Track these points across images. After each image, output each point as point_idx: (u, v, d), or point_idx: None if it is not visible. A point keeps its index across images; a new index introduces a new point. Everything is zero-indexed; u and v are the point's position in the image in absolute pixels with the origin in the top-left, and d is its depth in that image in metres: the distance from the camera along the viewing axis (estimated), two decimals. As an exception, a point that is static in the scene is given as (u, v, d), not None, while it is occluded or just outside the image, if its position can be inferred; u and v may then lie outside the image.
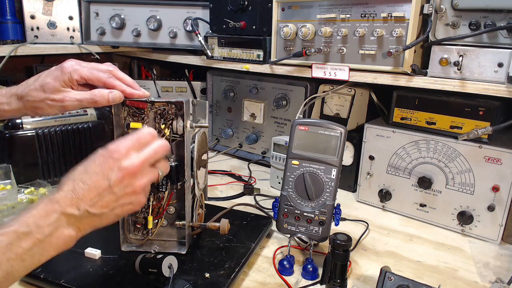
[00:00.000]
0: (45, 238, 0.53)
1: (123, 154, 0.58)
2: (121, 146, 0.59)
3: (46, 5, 1.31)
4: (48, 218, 0.54)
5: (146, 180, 0.60)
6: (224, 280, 0.71)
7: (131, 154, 0.58)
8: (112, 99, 0.68)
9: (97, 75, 0.70)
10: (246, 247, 0.81)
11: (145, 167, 0.60)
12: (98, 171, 0.57)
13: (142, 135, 0.61)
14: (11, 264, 0.51)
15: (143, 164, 0.59)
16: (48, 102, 0.68)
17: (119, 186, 0.57)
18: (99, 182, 0.56)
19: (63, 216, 0.55)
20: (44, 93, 0.68)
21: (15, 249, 0.51)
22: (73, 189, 0.56)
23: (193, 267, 0.74)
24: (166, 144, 0.63)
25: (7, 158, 1.05)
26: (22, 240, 0.52)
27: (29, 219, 0.53)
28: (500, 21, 0.82)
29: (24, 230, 0.52)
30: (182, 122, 0.73)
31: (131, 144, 0.59)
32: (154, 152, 0.61)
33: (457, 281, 0.78)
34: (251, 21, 1.19)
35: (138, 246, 0.79)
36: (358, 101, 1.16)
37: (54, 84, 0.68)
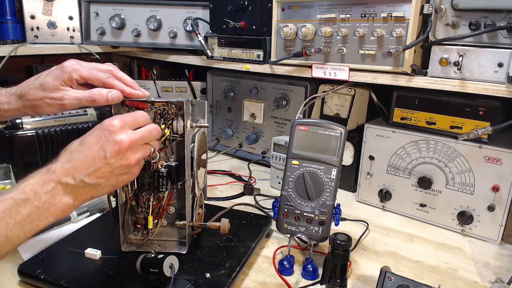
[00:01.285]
0: (43, 205, 0.57)
1: (118, 129, 0.61)
2: (117, 121, 0.62)
3: (46, 5, 1.31)
4: (45, 186, 0.57)
5: (140, 155, 0.64)
6: (225, 279, 0.71)
7: (127, 129, 0.62)
8: (111, 98, 0.69)
9: (96, 74, 0.70)
10: (246, 247, 0.81)
11: (139, 144, 0.64)
12: (94, 143, 0.60)
13: (137, 115, 0.65)
14: (10, 229, 0.54)
15: (138, 140, 0.63)
16: (47, 101, 0.69)
17: (115, 158, 0.60)
18: (95, 153, 0.60)
19: (59, 185, 0.58)
20: (44, 92, 0.69)
21: (14, 215, 0.54)
22: (69, 159, 0.59)
23: (194, 267, 0.74)
24: (158, 128, 0.68)
25: (7, 158, 1.05)
26: (20, 207, 0.55)
27: (27, 187, 0.57)
28: (500, 21, 0.82)
29: (22, 197, 0.55)
30: (182, 122, 0.73)
31: (127, 120, 0.63)
32: (148, 132, 0.65)
33: (457, 281, 0.78)
34: (251, 21, 1.19)
35: (138, 246, 0.79)
36: (358, 101, 1.16)
37: (53, 83, 0.69)
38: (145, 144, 0.65)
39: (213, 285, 0.70)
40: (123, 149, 0.61)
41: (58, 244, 0.81)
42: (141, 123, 0.65)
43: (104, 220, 0.92)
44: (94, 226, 0.89)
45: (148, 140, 0.65)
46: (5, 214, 0.53)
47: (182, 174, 0.75)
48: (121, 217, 0.77)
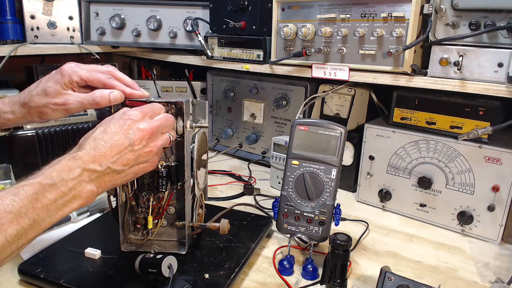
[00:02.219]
0: (69, 191, 0.57)
1: (140, 118, 0.64)
2: (137, 111, 0.64)
3: (46, 5, 1.31)
4: (72, 173, 0.58)
5: (161, 142, 0.66)
6: (223, 280, 0.71)
7: (147, 118, 0.65)
8: (113, 99, 0.70)
9: (96, 76, 0.71)
10: (246, 247, 0.81)
11: (159, 132, 0.66)
12: (118, 131, 0.62)
13: (155, 106, 0.68)
14: (37, 213, 0.54)
15: (158, 128, 0.65)
16: (51, 107, 0.70)
17: (139, 145, 0.62)
18: (120, 140, 0.61)
19: (85, 171, 0.59)
20: (47, 97, 0.70)
21: (41, 199, 0.54)
22: (94, 147, 0.60)
23: (193, 267, 0.74)
24: (172, 117, 0.70)
25: (7, 158, 1.05)
26: (47, 191, 0.55)
27: (53, 173, 0.57)
28: (500, 21, 0.82)
29: (49, 182, 0.56)
30: (182, 122, 0.73)
31: (146, 111, 0.65)
32: (165, 120, 0.67)
33: (457, 281, 0.78)
34: (251, 21, 1.19)
35: (138, 246, 0.79)
36: (358, 101, 1.16)
37: (55, 87, 0.70)
38: (164, 133, 0.68)
39: (211, 286, 0.70)
40: (146, 136, 0.63)
41: (58, 244, 0.81)
42: (158, 113, 0.68)
43: (104, 220, 0.92)
44: (94, 226, 0.89)
45: (166, 129, 0.68)
46: (33, 197, 0.54)
47: (182, 174, 0.75)
48: (121, 217, 0.77)
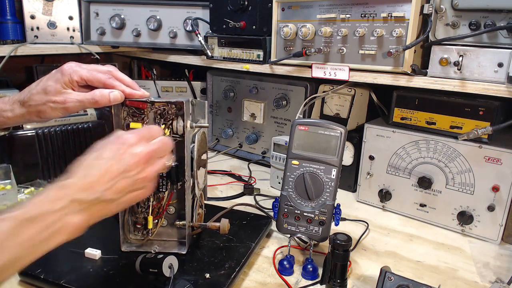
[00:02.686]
0: (52, 224, 0.52)
1: (135, 141, 0.61)
2: (133, 134, 0.62)
3: (46, 5, 1.31)
4: (56, 204, 0.53)
5: (158, 167, 0.63)
6: (224, 280, 0.71)
7: (142, 142, 0.62)
8: (113, 98, 0.69)
9: (96, 76, 0.70)
10: (246, 247, 0.81)
11: (156, 156, 0.63)
12: (111, 156, 0.58)
13: (152, 128, 0.66)
14: (14, 250, 0.49)
15: (154, 152, 0.62)
16: (50, 105, 0.69)
17: (134, 171, 0.59)
18: (114, 166, 0.58)
19: (73, 202, 0.54)
20: (46, 96, 0.69)
21: (20, 235, 0.50)
22: (85, 174, 0.57)
23: (193, 267, 0.74)
24: (171, 140, 0.67)
25: (7, 158, 1.05)
26: (25, 227, 0.50)
27: (34, 205, 0.52)
28: (500, 21, 0.82)
29: (28, 216, 0.51)
30: (182, 122, 0.73)
31: (142, 134, 0.63)
32: (162, 143, 0.64)
33: (457, 281, 0.78)
34: (251, 21, 1.19)
35: (138, 246, 0.79)
36: (358, 101, 1.16)
37: (55, 86, 0.69)
38: (160, 158, 0.64)
39: (212, 286, 0.70)
40: (142, 161, 0.60)
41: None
42: (155, 137, 0.64)
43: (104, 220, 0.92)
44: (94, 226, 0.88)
45: (163, 153, 0.64)
46: (9, 234, 0.49)
47: (182, 174, 0.75)
48: (121, 217, 0.77)
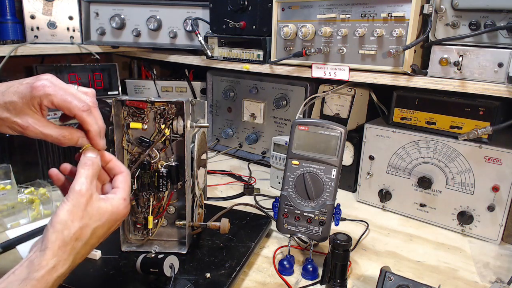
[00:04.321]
0: None
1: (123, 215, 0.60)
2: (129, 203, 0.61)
3: (46, 5, 1.31)
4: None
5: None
6: (225, 279, 0.71)
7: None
8: (80, 144, 0.62)
9: (69, 105, 0.59)
10: (247, 247, 0.81)
11: None
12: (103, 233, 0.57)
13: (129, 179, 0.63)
14: None
15: None
16: (8, 124, 0.58)
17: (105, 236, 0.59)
18: (101, 239, 0.58)
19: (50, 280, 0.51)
20: (7, 113, 0.58)
21: None
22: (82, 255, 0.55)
23: (194, 267, 0.74)
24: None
25: (7, 158, 1.05)
26: None
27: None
28: (500, 21, 0.82)
29: None
30: (182, 122, 0.73)
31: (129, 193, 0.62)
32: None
33: (457, 281, 0.78)
34: (251, 21, 1.19)
35: (138, 246, 0.79)
36: (358, 101, 1.16)
37: (20, 105, 0.58)
38: None
39: (213, 285, 0.69)
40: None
41: None
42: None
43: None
44: None
45: None
46: None
47: (182, 174, 0.76)
48: None
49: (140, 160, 0.75)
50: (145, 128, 0.74)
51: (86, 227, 0.54)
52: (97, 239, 0.56)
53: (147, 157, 0.75)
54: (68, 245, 0.52)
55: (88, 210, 0.55)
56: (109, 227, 0.58)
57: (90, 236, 0.55)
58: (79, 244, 0.54)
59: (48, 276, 0.50)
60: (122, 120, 0.74)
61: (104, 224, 0.56)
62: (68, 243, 0.52)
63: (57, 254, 0.51)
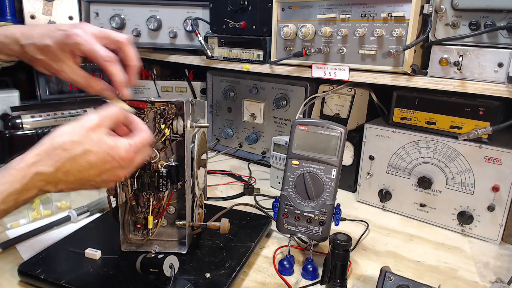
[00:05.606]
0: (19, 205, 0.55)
1: (126, 164, 0.59)
2: (129, 155, 0.59)
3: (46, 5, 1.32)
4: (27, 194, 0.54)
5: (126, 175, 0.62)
6: (225, 279, 0.71)
7: (131, 164, 0.60)
8: (104, 96, 0.68)
9: (95, 54, 0.64)
10: (247, 247, 0.81)
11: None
12: (97, 165, 0.56)
13: (148, 139, 0.63)
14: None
15: (137, 166, 0.62)
16: (44, 65, 0.65)
17: (102, 184, 0.59)
18: (91, 177, 0.57)
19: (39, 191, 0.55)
20: (43, 55, 0.64)
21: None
22: (66, 171, 0.54)
23: (194, 267, 0.74)
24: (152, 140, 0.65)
25: (7, 158, 1.05)
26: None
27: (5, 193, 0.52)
28: (500, 21, 0.82)
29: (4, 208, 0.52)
30: (182, 122, 0.73)
31: (139, 148, 0.60)
32: (145, 158, 0.64)
33: (457, 281, 0.78)
34: (251, 21, 1.19)
35: (138, 246, 0.79)
36: (358, 101, 1.16)
37: (55, 50, 0.64)
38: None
39: (213, 285, 0.69)
40: (116, 181, 0.61)
41: (58, 244, 0.80)
42: (148, 147, 0.64)
43: (104, 220, 0.92)
44: (94, 226, 0.89)
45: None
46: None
47: (182, 174, 0.76)
48: (121, 217, 0.77)
49: None
50: None
51: (79, 144, 0.55)
52: (86, 163, 0.55)
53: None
54: (55, 150, 0.54)
55: (90, 134, 0.56)
56: (103, 161, 0.56)
57: (80, 154, 0.54)
58: (65, 155, 0.54)
59: (27, 169, 0.53)
60: None
61: (98, 153, 0.56)
62: (55, 148, 0.54)
63: (39, 154, 0.54)
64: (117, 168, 0.58)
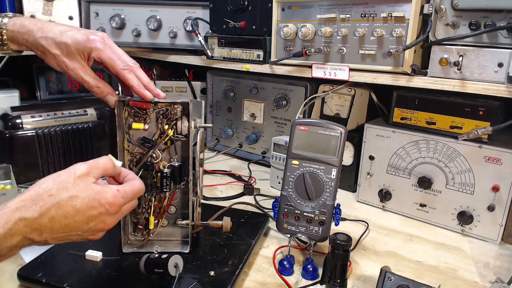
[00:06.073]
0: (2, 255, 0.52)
1: (114, 211, 0.58)
2: (116, 202, 0.58)
3: (46, 5, 1.31)
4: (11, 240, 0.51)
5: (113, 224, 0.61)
6: (228, 277, 0.71)
7: (119, 212, 0.60)
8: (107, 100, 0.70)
9: (113, 62, 0.69)
10: (247, 244, 0.82)
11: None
12: (83, 211, 0.55)
13: (138, 190, 0.63)
14: None
15: (122, 216, 0.63)
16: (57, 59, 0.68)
17: (89, 232, 0.58)
18: (77, 224, 0.55)
19: (24, 239, 0.53)
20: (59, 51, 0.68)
21: None
22: (52, 217, 0.53)
23: (197, 265, 0.75)
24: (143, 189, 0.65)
25: (7, 158, 1.05)
26: None
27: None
28: (500, 21, 0.82)
29: None
30: (187, 123, 0.73)
31: (122, 201, 0.59)
32: (133, 206, 0.65)
33: (457, 281, 0.78)
34: (251, 21, 1.19)
35: (139, 247, 0.79)
36: (358, 101, 1.16)
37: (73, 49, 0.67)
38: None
39: (218, 282, 0.70)
40: (103, 231, 0.60)
41: (56, 247, 0.78)
42: (135, 197, 0.63)
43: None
44: None
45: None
46: None
47: (185, 174, 0.76)
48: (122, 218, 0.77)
49: (143, 161, 0.75)
50: (146, 128, 0.74)
51: (64, 189, 0.54)
52: (72, 209, 0.54)
53: (149, 158, 0.75)
54: (40, 196, 0.53)
55: (77, 181, 0.56)
56: (89, 206, 0.55)
57: (65, 199, 0.54)
58: (51, 200, 0.53)
59: (10, 214, 0.51)
60: (123, 121, 0.74)
61: (85, 198, 0.55)
62: (40, 195, 0.53)
63: (24, 200, 0.53)
64: (104, 214, 0.57)
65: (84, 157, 1.14)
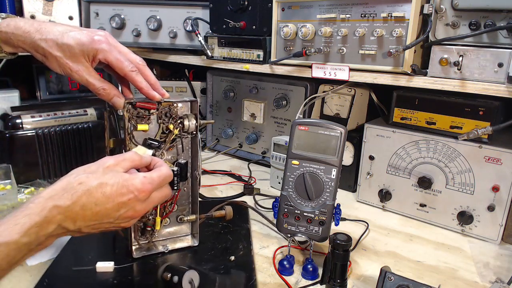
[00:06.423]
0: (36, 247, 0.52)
1: (143, 198, 0.58)
2: (145, 188, 0.58)
3: (46, 5, 1.31)
4: (47, 228, 0.52)
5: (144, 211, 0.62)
6: (247, 258, 0.78)
7: (149, 198, 0.60)
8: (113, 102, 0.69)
9: (121, 64, 0.67)
10: (245, 228, 0.90)
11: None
12: (113, 199, 0.56)
13: (166, 176, 0.63)
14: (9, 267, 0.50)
15: (153, 206, 0.63)
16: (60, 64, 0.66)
17: (121, 219, 0.58)
18: (108, 211, 0.56)
19: (61, 228, 0.54)
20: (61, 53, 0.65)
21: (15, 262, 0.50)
22: (83, 205, 0.54)
23: (213, 255, 0.79)
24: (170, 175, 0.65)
25: (7, 158, 1.05)
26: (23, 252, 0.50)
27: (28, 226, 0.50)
28: (500, 21, 0.82)
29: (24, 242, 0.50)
30: (194, 120, 0.75)
31: (152, 187, 0.60)
32: (165, 196, 0.64)
33: (457, 281, 0.78)
34: (251, 21, 1.19)
35: (147, 249, 0.79)
36: (358, 101, 1.16)
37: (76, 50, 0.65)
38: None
39: (243, 264, 0.76)
40: (136, 216, 0.60)
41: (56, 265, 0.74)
42: (164, 184, 0.63)
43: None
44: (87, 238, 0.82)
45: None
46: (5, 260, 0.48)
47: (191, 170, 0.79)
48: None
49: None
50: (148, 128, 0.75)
51: (94, 178, 0.56)
52: (102, 196, 0.55)
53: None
54: (70, 184, 0.54)
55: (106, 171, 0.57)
56: (118, 193, 0.56)
57: (95, 187, 0.55)
58: (81, 188, 0.54)
59: (44, 202, 0.52)
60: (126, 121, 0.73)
61: (114, 185, 0.56)
62: (70, 183, 0.55)
63: (56, 189, 0.54)
64: (133, 201, 0.58)
65: (84, 157, 1.14)
